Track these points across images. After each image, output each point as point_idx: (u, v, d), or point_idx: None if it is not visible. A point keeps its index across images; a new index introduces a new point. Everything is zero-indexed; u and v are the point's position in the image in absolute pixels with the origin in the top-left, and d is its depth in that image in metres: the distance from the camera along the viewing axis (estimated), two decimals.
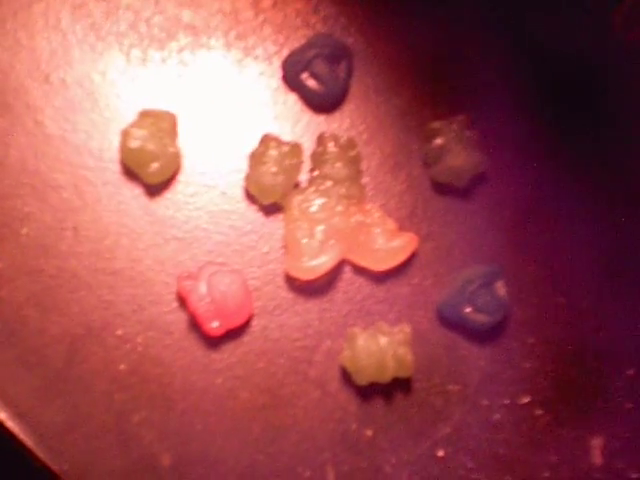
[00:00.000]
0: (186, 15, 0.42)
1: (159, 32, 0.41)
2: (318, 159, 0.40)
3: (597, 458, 0.39)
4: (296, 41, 0.42)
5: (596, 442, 0.39)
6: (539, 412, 0.39)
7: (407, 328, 0.38)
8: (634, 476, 0.39)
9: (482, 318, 0.39)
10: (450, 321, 0.39)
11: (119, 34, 0.41)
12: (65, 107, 0.40)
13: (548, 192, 0.42)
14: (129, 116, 0.40)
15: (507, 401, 0.39)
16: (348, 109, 0.41)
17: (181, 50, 0.41)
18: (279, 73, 0.41)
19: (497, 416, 0.39)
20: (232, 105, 0.41)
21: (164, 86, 0.41)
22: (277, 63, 0.41)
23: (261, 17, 0.42)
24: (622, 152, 0.43)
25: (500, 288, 0.39)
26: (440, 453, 0.38)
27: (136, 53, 0.41)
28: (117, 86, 0.40)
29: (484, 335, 0.39)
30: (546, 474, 0.38)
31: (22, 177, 0.39)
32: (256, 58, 0.41)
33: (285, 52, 0.42)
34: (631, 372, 0.40)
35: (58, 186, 0.39)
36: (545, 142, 0.42)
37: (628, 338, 0.40)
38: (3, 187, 0.39)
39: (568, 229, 0.41)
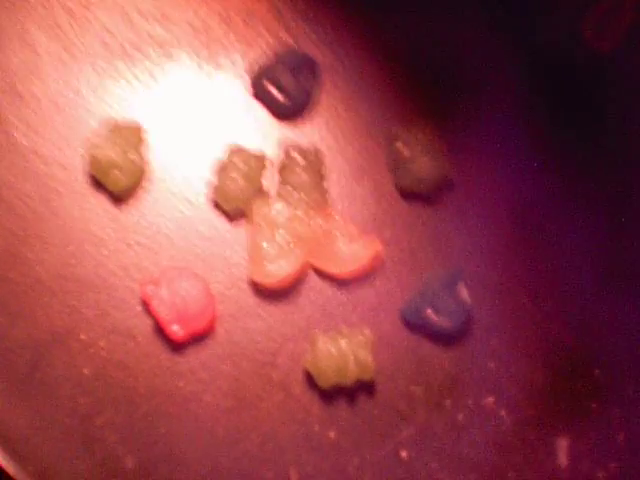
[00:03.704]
0: (157, 30, 0.42)
1: (130, 48, 0.41)
2: (281, 167, 0.40)
3: (562, 459, 0.39)
4: (264, 55, 0.42)
5: (561, 443, 0.39)
6: (503, 412, 0.39)
7: (367, 331, 0.38)
8: (600, 475, 0.38)
9: (444, 320, 0.39)
10: (413, 324, 0.39)
11: (91, 50, 0.41)
12: (36, 121, 0.40)
13: (513, 198, 0.41)
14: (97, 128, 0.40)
15: (471, 402, 0.39)
16: (314, 119, 0.41)
17: (151, 64, 0.41)
18: (247, 85, 0.41)
19: (461, 417, 0.39)
20: (201, 116, 0.41)
21: (134, 100, 0.41)
22: (245, 76, 0.41)
23: (231, 32, 0.42)
24: (590, 157, 0.42)
25: (462, 291, 0.39)
26: (404, 454, 0.38)
27: (107, 68, 0.41)
28: (88, 100, 0.41)
29: (447, 337, 0.39)
30: (511, 475, 0.38)
31: None
32: (225, 71, 0.41)
33: (253, 65, 0.41)
34: (596, 372, 0.40)
35: (25, 195, 0.39)
36: (513, 149, 0.42)
37: (593, 339, 0.40)
38: None
39: (532, 233, 0.41)
